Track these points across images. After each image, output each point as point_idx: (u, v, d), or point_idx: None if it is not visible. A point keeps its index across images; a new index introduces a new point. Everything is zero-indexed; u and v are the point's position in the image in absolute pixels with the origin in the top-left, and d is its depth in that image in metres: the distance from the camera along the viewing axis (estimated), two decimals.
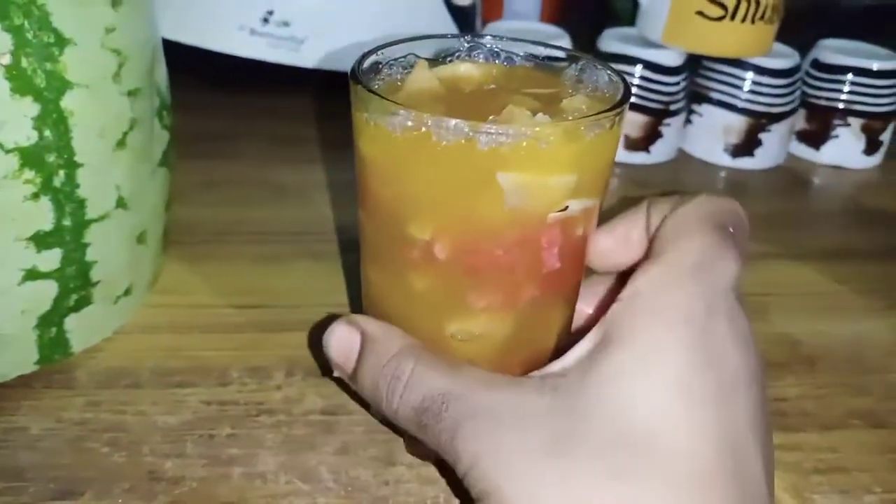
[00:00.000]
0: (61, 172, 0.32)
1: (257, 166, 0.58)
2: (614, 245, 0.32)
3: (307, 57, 0.60)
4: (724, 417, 0.25)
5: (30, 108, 0.31)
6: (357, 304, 0.37)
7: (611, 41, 0.62)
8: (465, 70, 0.33)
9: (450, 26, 0.65)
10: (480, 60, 0.34)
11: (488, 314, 0.30)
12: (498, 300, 0.30)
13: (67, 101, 0.32)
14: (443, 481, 0.33)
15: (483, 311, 0.30)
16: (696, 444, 0.25)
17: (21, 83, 0.30)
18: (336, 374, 0.32)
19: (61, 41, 0.31)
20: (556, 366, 0.28)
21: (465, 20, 0.67)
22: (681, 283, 0.27)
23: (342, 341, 0.31)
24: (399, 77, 0.32)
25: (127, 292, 0.38)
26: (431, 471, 0.33)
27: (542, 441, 0.25)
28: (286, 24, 0.61)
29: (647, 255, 0.30)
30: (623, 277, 0.32)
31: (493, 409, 0.26)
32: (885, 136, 0.65)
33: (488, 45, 0.34)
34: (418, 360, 0.29)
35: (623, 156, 0.62)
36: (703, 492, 0.24)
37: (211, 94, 0.64)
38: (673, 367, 0.26)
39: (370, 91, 0.27)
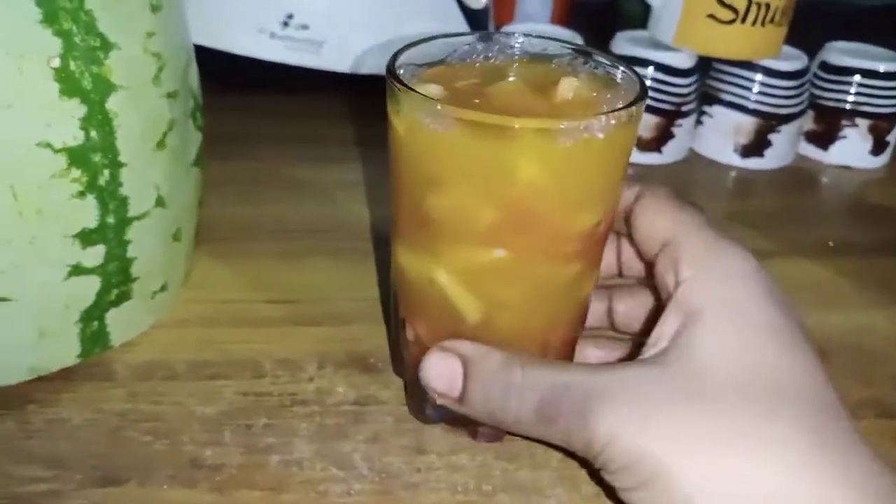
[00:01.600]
0: (106, 172, 0.33)
1: (280, 166, 0.59)
2: None
3: (327, 59, 0.62)
4: (813, 352, 0.30)
5: (77, 109, 0.32)
6: (387, 300, 0.38)
7: (623, 44, 0.63)
8: (491, 69, 0.35)
9: (464, 29, 0.66)
10: (504, 58, 0.35)
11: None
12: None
13: (112, 103, 0.33)
14: (470, 468, 0.34)
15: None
16: (809, 379, 0.29)
17: (69, 85, 0.31)
18: (440, 402, 0.32)
19: (106, 45, 0.32)
20: (650, 350, 0.31)
21: (478, 23, 0.68)
22: (724, 251, 0.31)
23: (441, 369, 0.32)
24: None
25: (163, 288, 0.40)
26: (460, 459, 0.34)
27: (678, 407, 0.28)
28: (305, 27, 0.62)
29: (647, 237, 0.34)
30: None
31: (619, 389, 0.29)
32: (892, 137, 0.67)
33: (514, 44, 0.35)
34: (524, 365, 0.30)
35: (635, 156, 0.63)
36: (828, 416, 0.28)
37: (233, 96, 0.65)
38: (762, 321, 0.29)
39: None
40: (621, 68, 0.33)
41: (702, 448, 0.27)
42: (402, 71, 0.32)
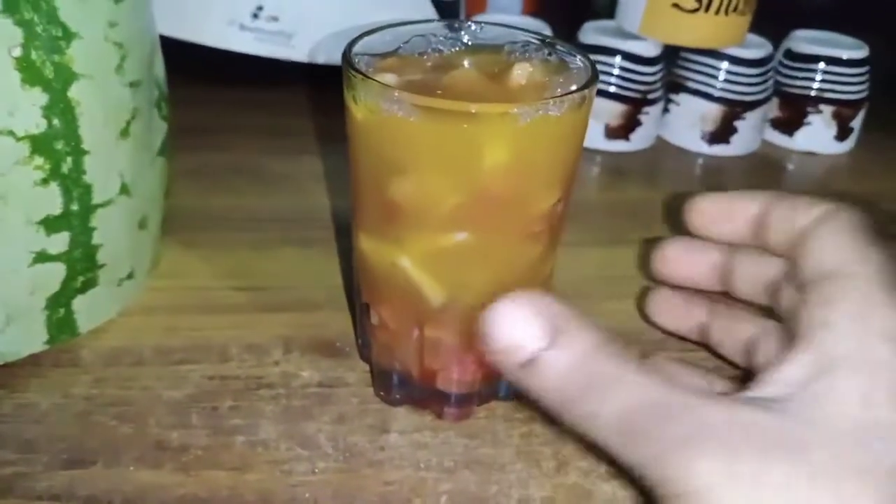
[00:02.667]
0: (69, 159, 0.34)
1: (250, 157, 0.59)
2: (714, 211, 0.35)
3: (297, 51, 0.62)
4: None
5: (39, 97, 0.32)
6: (350, 287, 0.39)
7: (591, 33, 0.64)
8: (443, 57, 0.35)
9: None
10: (458, 48, 0.36)
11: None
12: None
13: (74, 92, 0.33)
14: (433, 446, 0.35)
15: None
16: None
17: (31, 74, 0.32)
18: (492, 358, 0.28)
19: (68, 35, 0.33)
20: (768, 388, 0.27)
21: (449, 14, 0.69)
22: (879, 304, 0.28)
23: (521, 320, 0.27)
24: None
25: (129, 276, 0.40)
26: (423, 437, 0.35)
27: (790, 469, 0.24)
28: (275, 18, 0.62)
29: (808, 265, 0.30)
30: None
31: (727, 432, 0.25)
32: (856, 123, 0.68)
33: (470, 32, 0.36)
34: (624, 361, 0.27)
35: (603, 143, 0.64)
36: None
37: (203, 88, 0.65)
38: None
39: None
40: (573, 55, 0.34)
41: None
42: (358, 59, 0.33)
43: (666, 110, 0.66)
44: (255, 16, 0.62)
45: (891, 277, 0.28)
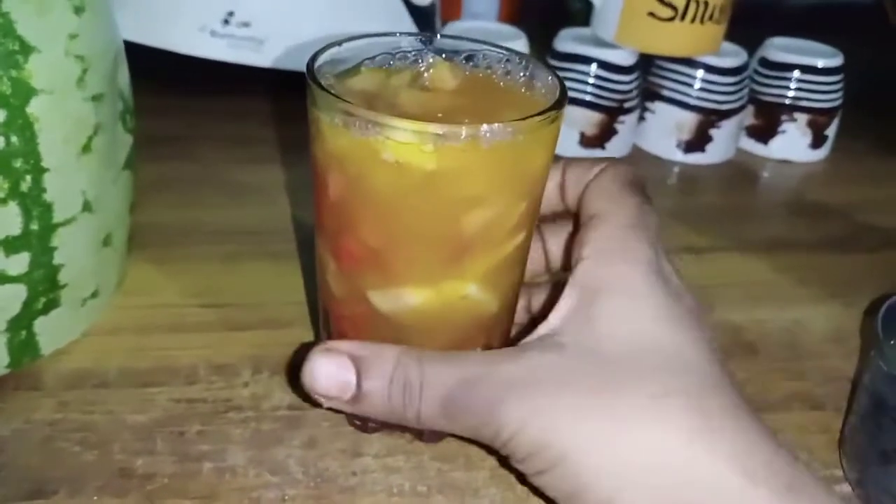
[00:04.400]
0: (28, 178, 0.33)
1: (217, 167, 0.58)
2: None
3: (268, 57, 0.61)
4: (703, 334, 0.30)
5: None
6: (314, 302, 0.38)
7: (566, 41, 0.63)
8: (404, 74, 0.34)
9: (410, 27, 0.66)
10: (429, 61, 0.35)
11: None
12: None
13: (33, 108, 0.32)
14: (406, 470, 0.34)
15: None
16: (698, 357, 0.29)
17: None
18: (327, 405, 0.31)
19: (26, 49, 0.32)
20: (544, 329, 0.31)
21: (425, 21, 0.68)
22: (630, 236, 0.32)
23: (330, 370, 0.30)
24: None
25: (94, 295, 0.39)
26: (396, 461, 0.34)
27: (577, 392, 0.28)
28: (246, 24, 0.61)
29: (582, 214, 0.34)
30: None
31: (520, 378, 0.29)
32: (831, 131, 0.68)
33: (434, 45, 0.35)
34: (420, 361, 0.30)
35: (579, 152, 0.63)
36: (717, 392, 0.29)
37: (169, 96, 0.64)
38: (654, 303, 0.30)
39: None
40: (544, 72, 0.33)
41: (599, 431, 0.28)
42: (322, 70, 0.32)
43: (642, 119, 0.66)
44: (226, 21, 0.61)
45: (641, 218, 0.32)
